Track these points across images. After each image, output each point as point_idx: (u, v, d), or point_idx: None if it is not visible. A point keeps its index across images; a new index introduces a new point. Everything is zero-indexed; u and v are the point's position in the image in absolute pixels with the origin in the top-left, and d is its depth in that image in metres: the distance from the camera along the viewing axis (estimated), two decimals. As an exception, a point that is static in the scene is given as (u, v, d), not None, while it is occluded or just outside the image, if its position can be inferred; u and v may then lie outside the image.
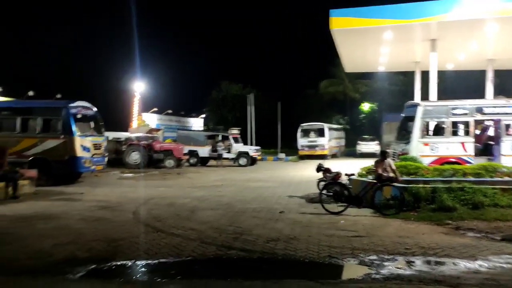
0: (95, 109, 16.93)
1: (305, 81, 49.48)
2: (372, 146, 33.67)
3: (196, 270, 6.13)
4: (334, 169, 12.63)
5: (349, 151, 38.52)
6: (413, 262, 6.01)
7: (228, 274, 5.90)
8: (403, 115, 15.98)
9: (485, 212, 9.09)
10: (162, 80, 48.77)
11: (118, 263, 6.19)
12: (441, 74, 24.05)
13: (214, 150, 25.59)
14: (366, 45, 21.58)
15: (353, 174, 11.13)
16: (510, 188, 10.03)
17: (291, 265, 6.16)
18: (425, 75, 27.36)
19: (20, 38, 51.03)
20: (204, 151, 26.00)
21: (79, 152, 15.33)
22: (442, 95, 21.55)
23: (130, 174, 20.47)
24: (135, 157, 23.41)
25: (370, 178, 11.28)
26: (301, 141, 32.17)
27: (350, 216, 9.39)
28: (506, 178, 10.99)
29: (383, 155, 10.37)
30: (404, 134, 15.37)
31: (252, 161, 25.90)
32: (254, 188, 14.83)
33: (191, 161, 25.80)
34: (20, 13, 58.34)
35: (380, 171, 10.05)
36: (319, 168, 12.55)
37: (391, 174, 10.06)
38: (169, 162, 23.53)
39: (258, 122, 35.96)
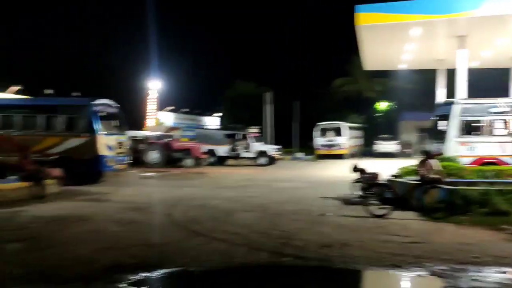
0: (117, 107, 16.58)
1: (319, 80, 48.93)
2: (391, 146, 33.07)
3: (254, 278, 5.72)
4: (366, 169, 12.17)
5: (364, 151, 37.93)
6: (490, 273, 5.55)
7: (292, 284, 5.48)
8: (435, 115, 15.44)
9: (542, 217, 8.57)
10: (178, 79, 48.34)
11: (169, 270, 5.79)
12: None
13: (233, 149, 25.16)
14: (390, 41, 21.04)
15: (400, 175, 10.63)
16: None
17: (356, 275, 5.72)
18: (447, 73, 26.84)
19: (33, 36, 50.80)
20: (222, 150, 25.59)
21: (103, 151, 14.98)
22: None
23: (152, 174, 20.11)
24: (154, 156, 23.04)
25: (409, 179, 10.81)
26: (319, 140, 31.65)
27: (397, 220, 8.92)
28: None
29: (427, 154, 9.91)
30: (438, 133, 14.86)
31: (271, 160, 25.46)
32: (282, 189, 14.39)
33: (210, 160, 25.40)
34: (32, 9, 58.30)
35: (424, 171, 9.58)
36: (355, 168, 12.06)
37: (435, 175, 9.59)
38: (188, 161, 23.14)
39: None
